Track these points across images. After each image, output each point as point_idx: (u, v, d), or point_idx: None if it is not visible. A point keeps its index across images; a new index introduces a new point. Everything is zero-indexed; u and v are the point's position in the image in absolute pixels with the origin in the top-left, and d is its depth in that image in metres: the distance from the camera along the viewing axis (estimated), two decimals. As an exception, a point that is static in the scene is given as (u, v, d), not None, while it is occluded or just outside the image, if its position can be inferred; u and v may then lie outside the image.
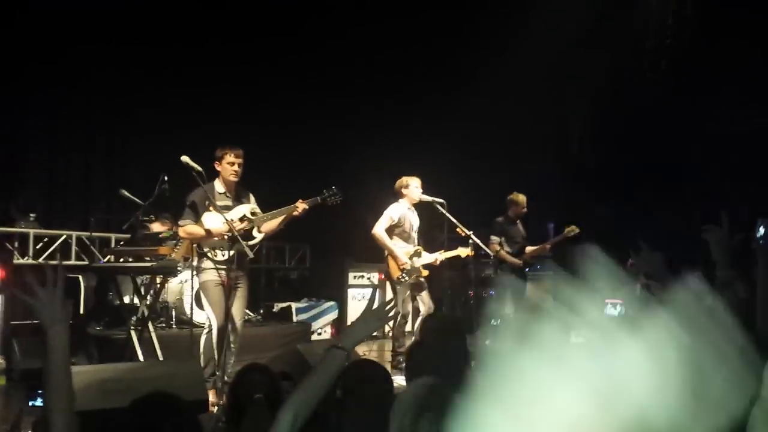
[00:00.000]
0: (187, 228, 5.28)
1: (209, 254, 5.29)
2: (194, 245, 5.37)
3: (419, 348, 3.39)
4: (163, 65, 8.99)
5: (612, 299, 2.78)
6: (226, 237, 5.12)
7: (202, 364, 5.11)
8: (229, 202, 5.37)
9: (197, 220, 5.25)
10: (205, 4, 9.38)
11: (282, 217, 5.41)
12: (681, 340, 1.46)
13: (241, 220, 5.29)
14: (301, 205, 5.39)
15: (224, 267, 5.20)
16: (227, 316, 5.18)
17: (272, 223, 5.42)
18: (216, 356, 5.11)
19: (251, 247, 5.15)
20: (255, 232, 5.32)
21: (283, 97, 9.98)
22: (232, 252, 5.10)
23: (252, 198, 5.57)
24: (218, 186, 5.42)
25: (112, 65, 8.68)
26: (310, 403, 1.86)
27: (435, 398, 1.93)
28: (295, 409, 1.80)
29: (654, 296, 2.45)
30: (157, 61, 8.93)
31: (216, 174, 5.44)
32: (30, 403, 3.12)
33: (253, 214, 5.37)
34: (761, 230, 2.82)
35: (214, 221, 5.22)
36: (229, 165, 5.34)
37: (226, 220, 5.05)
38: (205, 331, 5.35)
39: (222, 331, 5.18)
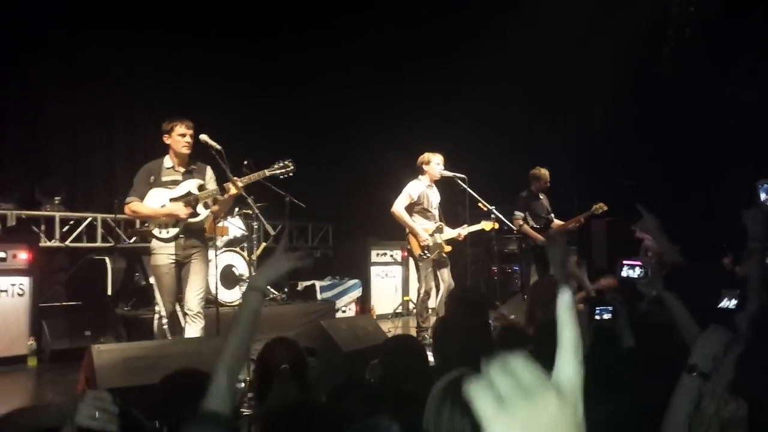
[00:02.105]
0: (132, 206, 5.03)
1: (155, 232, 5.03)
2: (144, 224, 5.21)
3: (443, 324, 3.40)
4: (185, 49, 9.01)
5: (630, 261, 2.79)
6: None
7: None
8: (177, 177, 5.10)
9: (143, 197, 5.02)
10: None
11: (233, 193, 4.97)
12: None
13: (184, 197, 5.03)
14: (235, 184, 4.91)
15: (172, 245, 5.00)
16: (182, 295, 5.02)
17: (225, 199, 5.06)
18: None
19: (196, 224, 5.01)
20: (200, 209, 5.05)
21: (303, 76, 9.96)
22: (177, 229, 4.96)
23: (209, 172, 5.24)
24: (167, 161, 5.14)
25: (129, 48, 8.73)
26: (241, 354, 1.82)
27: (458, 387, 1.88)
28: (228, 365, 1.73)
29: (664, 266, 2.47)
30: (177, 44, 8.96)
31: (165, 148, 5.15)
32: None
33: (201, 188, 5.09)
34: (763, 195, 2.80)
35: (157, 199, 5.02)
36: (181, 137, 5.03)
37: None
38: (156, 317, 5.19)
39: (172, 316, 5.02)
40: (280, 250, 2.05)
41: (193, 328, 4.99)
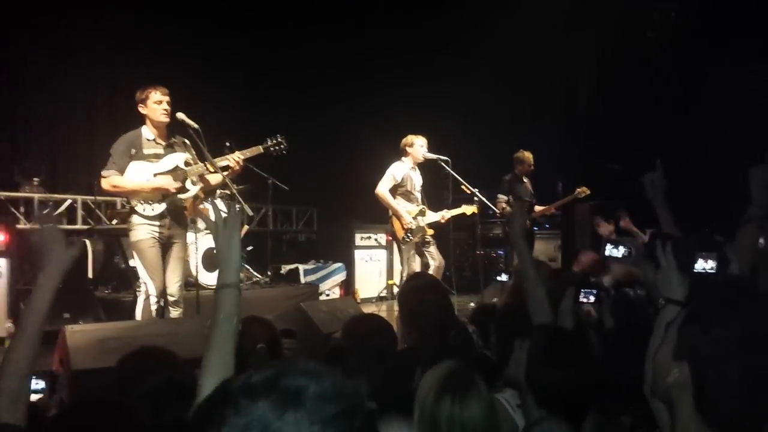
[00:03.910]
0: (112, 180, 4.67)
1: (138, 209, 4.70)
2: (122, 200, 4.96)
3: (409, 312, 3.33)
4: (166, 23, 8.89)
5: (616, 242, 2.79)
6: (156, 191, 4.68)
7: None
8: (159, 150, 4.80)
9: (123, 170, 4.68)
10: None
11: (221, 170, 4.81)
12: None
13: (172, 171, 4.77)
14: (234, 156, 4.82)
15: (157, 223, 4.71)
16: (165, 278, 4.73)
17: (210, 177, 4.91)
18: None
19: (183, 201, 4.78)
20: (188, 184, 4.79)
21: (286, 56, 9.87)
22: (164, 206, 4.69)
23: (188, 144, 4.98)
24: (146, 132, 4.80)
25: (110, 26, 8.60)
26: (228, 359, 1.66)
27: (456, 380, 1.92)
28: (219, 375, 1.55)
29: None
30: (161, 19, 8.82)
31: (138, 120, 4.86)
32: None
33: (187, 163, 4.83)
34: None
35: (141, 173, 4.70)
36: (157, 104, 4.71)
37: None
38: (142, 297, 4.77)
39: (161, 295, 4.69)
40: (217, 227, 1.84)
41: (173, 314, 4.85)
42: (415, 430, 1.91)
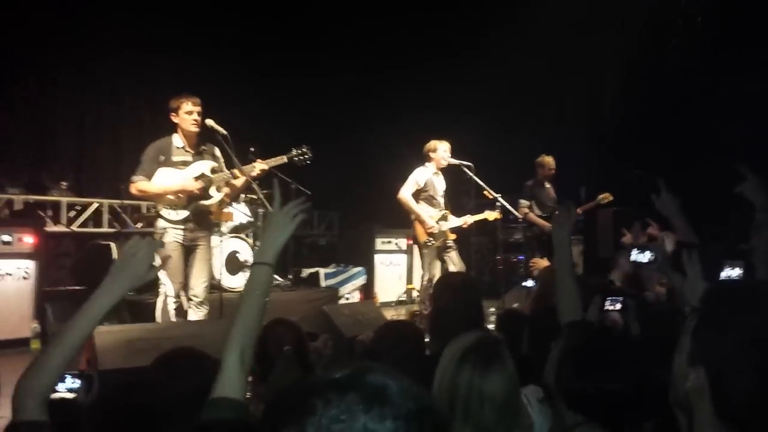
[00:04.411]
0: (139, 185, 4.86)
1: (163, 213, 4.89)
2: (148, 205, 5.14)
3: (441, 313, 3.35)
4: (196, 34, 9.01)
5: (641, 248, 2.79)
6: (180, 195, 4.84)
7: None
8: (188, 158, 4.95)
9: (151, 176, 4.87)
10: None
11: (245, 178, 4.99)
12: None
13: (198, 178, 4.91)
14: (259, 165, 4.97)
15: (181, 227, 4.88)
16: (187, 281, 4.91)
17: (237, 183, 5.05)
18: None
19: (208, 207, 4.92)
20: (212, 191, 4.95)
21: (310, 61, 9.93)
22: (188, 211, 4.85)
23: (218, 152, 5.13)
24: (176, 140, 4.97)
25: (137, 32, 8.73)
26: (252, 336, 1.68)
27: (481, 349, 1.90)
28: (239, 348, 1.61)
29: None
30: (185, 28, 8.94)
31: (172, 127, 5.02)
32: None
33: (214, 171, 4.97)
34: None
35: (167, 178, 4.86)
36: (188, 115, 4.87)
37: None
38: (161, 298, 4.96)
39: (179, 296, 4.87)
40: (277, 208, 1.85)
41: (198, 314, 4.97)
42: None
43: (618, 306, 2.85)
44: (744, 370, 1.21)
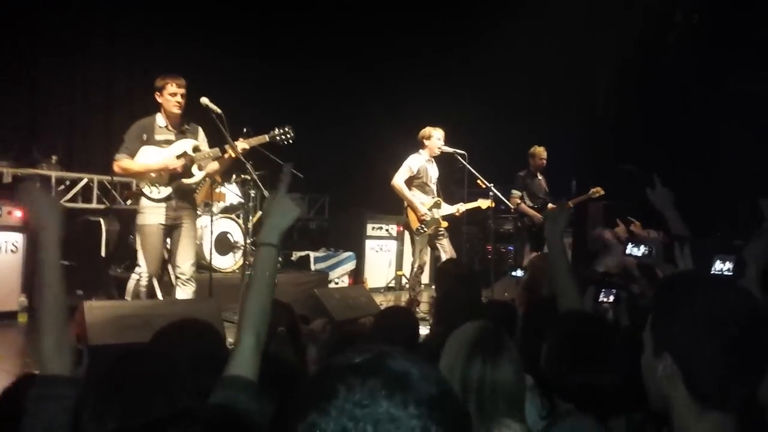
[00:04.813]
0: (122, 163, 4.89)
1: (146, 191, 4.92)
2: (134, 185, 5.14)
3: (449, 298, 3.40)
4: (190, 10, 8.92)
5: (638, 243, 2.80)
6: (162, 173, 4.87)
7: None
8: (171, 137, 4.99)
9: (134, 155, 4.90)
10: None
11: (226, 156, 4.99)
12: None
13: (180, 157, 4.94)
14: (240, 144, 4.96)
15: (164, 205, 4.93)
16: (163, 262, 4.94)
17: (216, 163, 5.08)
18: None
19: (189, 185, 4.96)
20: (194, 170, 4.98)
21: (305, 45, 9.88)
22: (170, 189, 4.89)
23: (201, 133, 5.17)
24: (159, 119, 5.00)
25: (130, 10, 8.64)
26: (266, 313, 1.71)
27: (487, 340, 1.90)
28: (254, 327, 1.64)
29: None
30: (181, 6, 8.86)
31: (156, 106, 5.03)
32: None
33: (195, 150, 5.00)
34: None
35: (149, 156, 4.91)
36: (171, 96, 4.90)
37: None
38: (134, 278, 4.96)
39: (151, 280, 4.88)
40: (283, 192, 1.87)
41: (185, 291, 4.99)
42: None
43: (611, 298, 2.87)
44: (707, 350, 1.24)
